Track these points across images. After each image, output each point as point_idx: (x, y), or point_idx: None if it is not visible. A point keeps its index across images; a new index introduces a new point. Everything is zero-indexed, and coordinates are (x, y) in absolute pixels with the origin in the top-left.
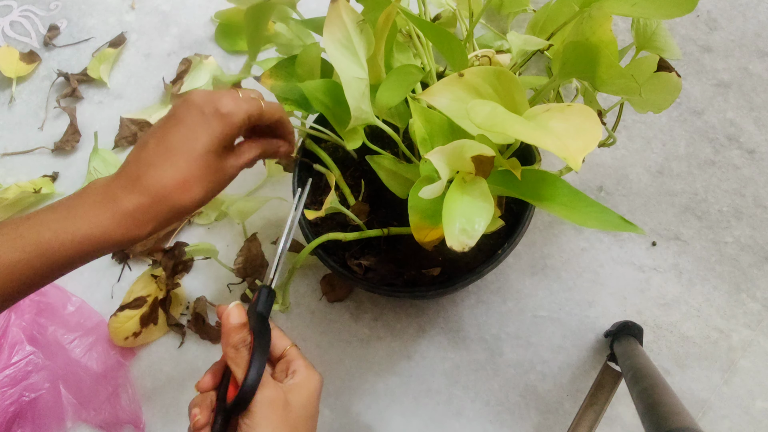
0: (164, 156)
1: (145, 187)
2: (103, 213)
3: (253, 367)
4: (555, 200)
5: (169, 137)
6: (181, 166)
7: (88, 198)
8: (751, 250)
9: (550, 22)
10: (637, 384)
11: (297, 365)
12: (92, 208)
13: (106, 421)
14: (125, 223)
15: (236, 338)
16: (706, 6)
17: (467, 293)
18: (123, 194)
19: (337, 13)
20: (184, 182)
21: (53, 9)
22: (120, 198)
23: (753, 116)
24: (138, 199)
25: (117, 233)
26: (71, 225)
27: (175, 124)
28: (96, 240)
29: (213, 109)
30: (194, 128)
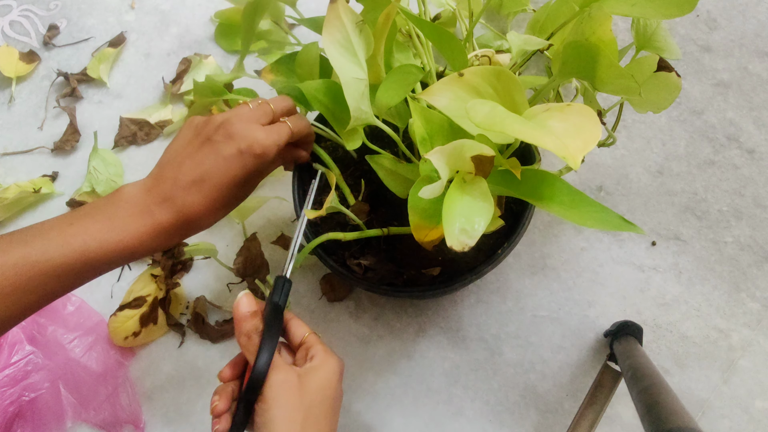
0: (198, 183)
1: (179, 208)
2: (143, 227)
3: (262, 352)
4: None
5: (205, 165)
6: (212, 196)
7: (126, 209)
8: (751, 249)
9: (549, 21)
10: (636, 383)
11: (315, 350)
12: (132, 221)
13: (105, 421)
14: (160, 237)
15: (247, 326)
16: (706, 6)
17: (467, 293)
18: (159, 211)
19: (336, 14)
20: (211, 209)
21: (53, 8)
22: (156, 214)
23: (753, 116)
24: (172, 218)
25: (152, 245)
26: (115, 236)
27: (212, 154)
28: (134, 249)
29: (248, 146)
30: (229, 162)
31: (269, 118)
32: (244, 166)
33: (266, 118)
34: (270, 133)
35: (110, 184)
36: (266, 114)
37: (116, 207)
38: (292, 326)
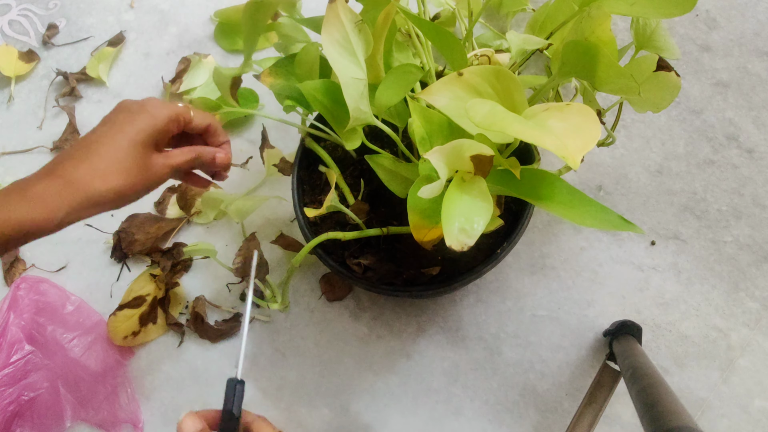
0: (85, 149)
1: (59, 174)
2: (13, 198)
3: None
4: (554, 199)
5: (95, 134)
6: (101, 154)
7: (5, 189)
8: (750, 249)
9: (549, 21)
10: (636, 383)
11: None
12: (4, 195)
13: (104, 420)
14: (33, 206)
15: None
16: (705, 5)
17: (466, 292)
18: (35, 181)
19: (335, 14)
20: (101, 171)
21: (52, 8)
22: (32, 184)
23: (752, 116)
24: (48, 184)
25: (26, 217)
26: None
27: (103, 124)
28: (7, 225)
29: (139, 107)
30: (119, 124)
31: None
32: (133, 125)
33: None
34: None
35: None
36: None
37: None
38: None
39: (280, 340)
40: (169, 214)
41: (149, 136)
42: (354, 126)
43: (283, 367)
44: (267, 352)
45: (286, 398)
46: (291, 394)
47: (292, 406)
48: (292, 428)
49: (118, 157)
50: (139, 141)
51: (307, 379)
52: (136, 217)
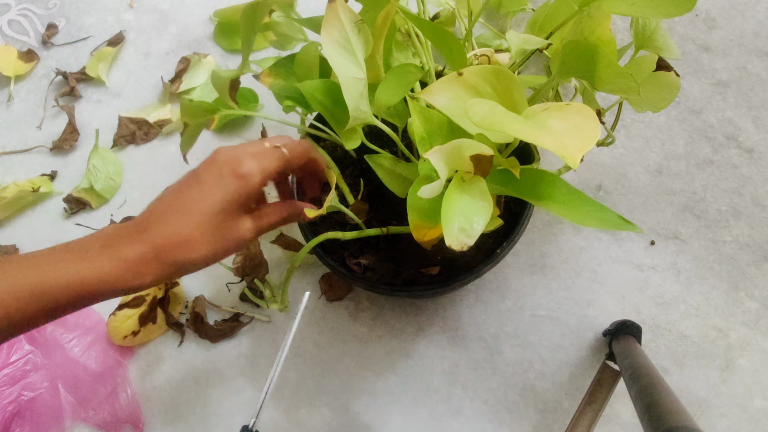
0: (174, 212)
1: (150, 238)
2: (103, 258)
3: None
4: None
5: (184, 194)
6: (189, 223)
7: (94, 242)
8: (750, 249)
9: (549, 21)
10: (635, 383)
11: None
12: (94, 252)
13: (104, 421)
14: (123, 270)
15: None
16: (705, 5)
17: (466, 292)
18: (126, 242)
19: (334, 13)
20: (188, 240)
21: (51, 7)
22: (122, 245)
23: (752, 115)
24: (139, 249)
25: (113, 280)
26: (73, 266)
27: (194, 182)
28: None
29: (231, 169)
30: (210, 187)
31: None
32: (225, 190)
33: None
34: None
35: (109, 183)
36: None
37: (86, 240)
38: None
39: (280, 341)
40: None
41: (240, 204)
42: (354, 126)
43: (283, 367)
44: (267, 352)
45: (286, 398)
46: (291, 394)
47: (292, 406)
48: (292, 428)
49: (209, 227)
50: (230, 210)
51: (307, 379)
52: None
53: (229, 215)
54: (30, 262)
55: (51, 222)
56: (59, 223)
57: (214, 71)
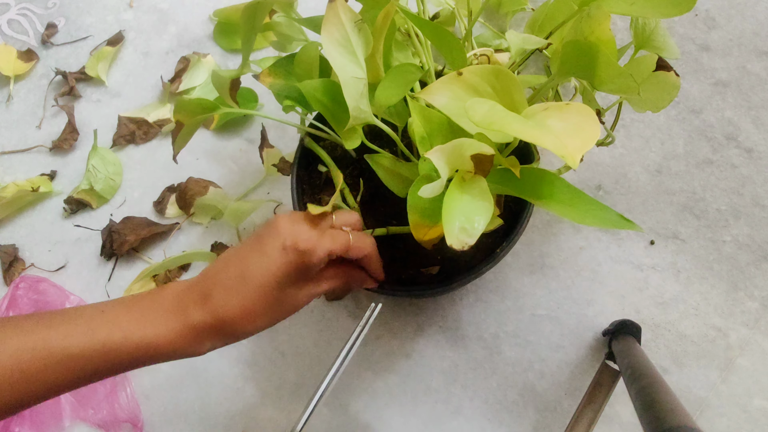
0: (238, 282)
1: (213, 308)
2: (174, 325)
3: None
4: (554, 198)
5: (248, 263)
6: (251, 297)
7: (162, 304)
8: (749, 248)
9: (548, 20)
10: (635, 382)
11: None
12: (164, 317)
13: (104, 420)
14: (188, 337)
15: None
16: (705, 5)
17: (466, 292)
18: (194, 310)
19: (334, 13)
20: (250, 312)
21: (51, 7)
22: (190, 314)
23: (751, 115)
24: (204, 318)
25: (181, 346)
26: (141, 331)
27: (257, 251)
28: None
29: (293, 242)
30: (272, 260)
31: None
32: (287, 263)
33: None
34: (322, 234)
35: (109, 183)
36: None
37: (153, 301)
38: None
39: (280, 340)
40: (168, 214)
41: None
42: (354, 125)
43: (283, 366)
44: (266, 351)
45: (286, 398)
46: (290, 393)
47: (292, 405)
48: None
49: (267, 300)
50: (291, 282)
51: (306, 378)
52: (131, 220)
53: (289, 287)
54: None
55: (51, 222)
56: (59, 223)
57: (215, 71)
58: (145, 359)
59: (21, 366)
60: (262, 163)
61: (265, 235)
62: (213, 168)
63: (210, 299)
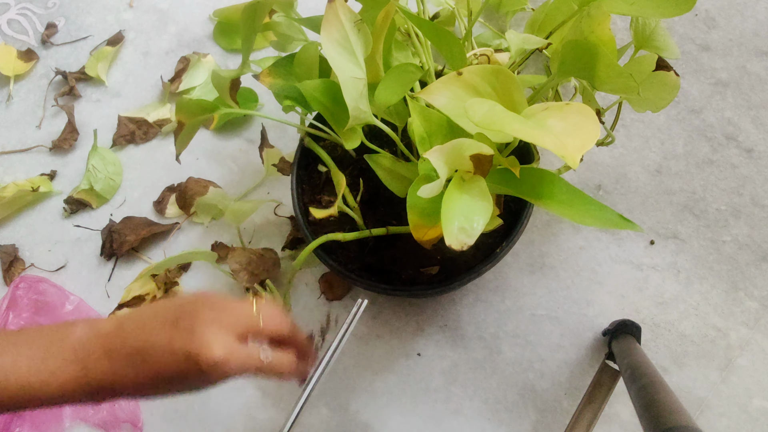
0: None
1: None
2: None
3: None
4: (553, 198)
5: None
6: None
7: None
8: (749, 248)
9: (548, 20)
10: (635, 382)
11: None
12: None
13: (104, 420)
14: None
15: None
16: (705, 5)
17: (466, 292)
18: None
19: (334, 13)
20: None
21: (51, 7)
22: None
23: (751, 115)
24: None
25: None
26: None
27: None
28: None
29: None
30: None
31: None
32: (184, 370)
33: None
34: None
35: (109, 183)
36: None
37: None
38: None
39: None
40: (168, 213)
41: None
42: (353, 125)
43: None
44: None
45: (286, 398)
46: (290, 393)
47: (292, 405)
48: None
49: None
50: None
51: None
52: (131, 220)
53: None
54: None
55: (50, 222)
56: (59, 223)
57: (215, 71)
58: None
59: None
60: (262, 163)
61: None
62: (213, 168)
63: (111, 362)
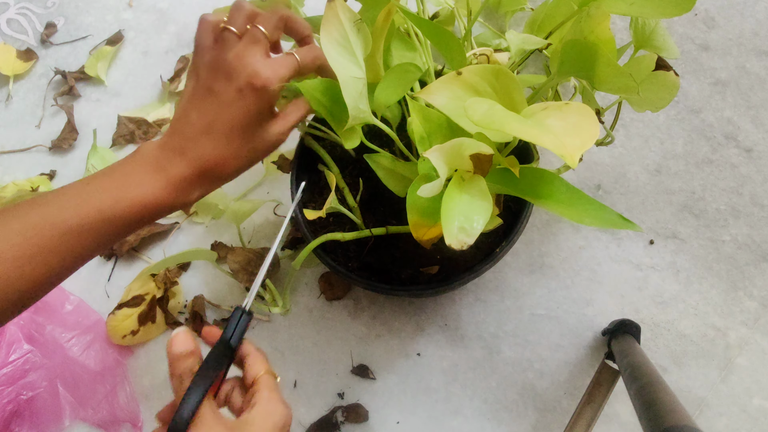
0: (204, 132)
1: (189, 160)
2: (157, 181)
3: (185, 402)
4: (553, 198)
5: (208, 109)
6: (223, 144)
7: (141, 165)
8: (749, 248)
9: (548, 20)
10: (634, 382)
11: (259, 397)
12: (147, 177)
13: (104, 420)
14: (174, 190)
15: (180, 367)
16: (704, 4)
17: (465, 291)
18: (172, 165)
19: (334, 13)
20: (226, 158)
21: (50, 6)
22: (169, 168)
23: (750, 115)
24: (184, 170)
25: (168, 199)
26: (129, 193)
27: (212, 95)
28: (150, 205)
29: (247, 82)
30: (230, 104)
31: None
32: (247, 106)
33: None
34: (272, 65)
35: None
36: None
37: (132, 164)
38: (249, 362)
39: (279, 339)
40: None
41: (264, 114)
42: (353, 125)
43: (282, 366)
44: (266, 351)
45: (285, 397)
46: (290, 393)
47: (291, 405)
48: (291, 427)
49: (239, 143)
50: (255, 123)
51: (306, 378)
52: None
53: (255, 127)
54: (88, 190)
55: None
56: None
57: None
58: (140, 218)
59: (31, 242)
60: (261, 162)
61: (220, 85)
62: None
63: (184, 153)
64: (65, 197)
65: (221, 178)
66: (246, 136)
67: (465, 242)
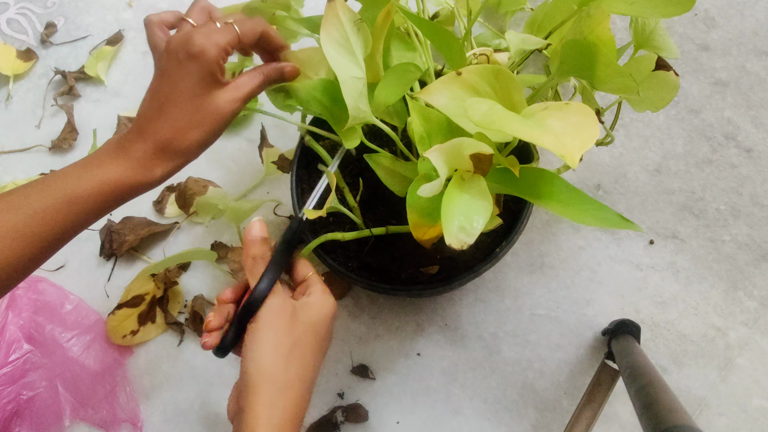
0: (158, 109)
1: (146, 136)
2: (116, 161)
3: (264, 276)
4: (553, 198)
5: (160, 91)
6: (172, 115)
7: (104, 151)
8: (748, 248)
9: (548, 20)
10: (634, 382)
11: (314, 288)
12: (107, 157)
13: (104, 420)
14: (136, 167)
15: (255, 250)
16: (704, 4)
17: (465, 291)
18: (130, 144)
19: (333, 13)
20: (178, 130)
21: (50, 6)
22: (128, 147)
23: (750, 115)
24: (143, 147)
25: (131, 177)
26: (90, 173)
27: (162, 76)
28: (113, 183)
29: (185, 52)
30: (175, 77)
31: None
32: (188, 74)
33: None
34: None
35: None
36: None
37: (97, 152)
38: (299, 265)
39: None
40: (167, 213)
41: (207, 83)
42: (353, 125)
43: None
44: None
45: None
46: None
47: None
48: None
49: (190, 112)
50: (199, 92)
51: None
52: (131, 220)
53: (203, 96)
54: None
55: None
56: None
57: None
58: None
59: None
60: (261, 162)
61: (163, 61)
62: (212, 167)
63: (141, 132)
64: (30, 185)
65: (182, 151)
66: (194, 105)
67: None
